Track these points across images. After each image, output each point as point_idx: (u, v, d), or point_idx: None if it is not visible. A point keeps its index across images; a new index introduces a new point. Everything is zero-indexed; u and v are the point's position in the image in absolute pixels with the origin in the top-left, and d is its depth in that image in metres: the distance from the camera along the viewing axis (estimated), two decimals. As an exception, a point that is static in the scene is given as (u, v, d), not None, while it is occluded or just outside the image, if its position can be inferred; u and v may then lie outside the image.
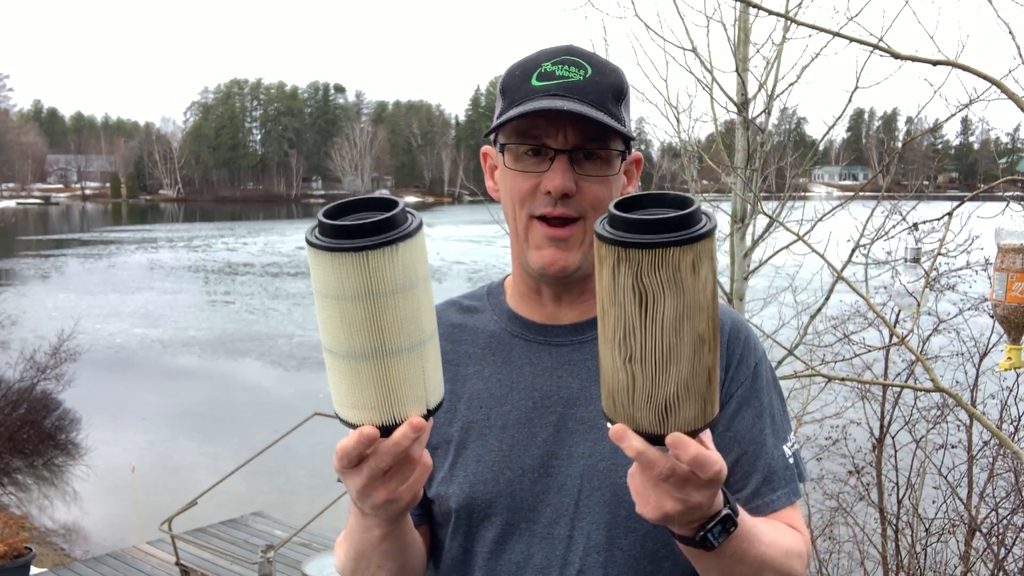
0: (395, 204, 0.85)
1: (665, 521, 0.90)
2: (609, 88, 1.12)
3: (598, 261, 0.83)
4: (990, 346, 4.85)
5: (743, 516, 0.98)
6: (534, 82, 1.12)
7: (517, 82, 1.14)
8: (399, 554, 1.08)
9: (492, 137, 1.19)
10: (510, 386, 1.19)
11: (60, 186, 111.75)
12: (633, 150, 1.18)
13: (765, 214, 4.24)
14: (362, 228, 0.81)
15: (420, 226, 0.85)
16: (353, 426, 0.88)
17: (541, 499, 1.14)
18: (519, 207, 1.14)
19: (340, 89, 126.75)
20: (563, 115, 1.07)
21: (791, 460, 1.21)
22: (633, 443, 0.84)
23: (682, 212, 0.80)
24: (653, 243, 0.78)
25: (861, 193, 4.76)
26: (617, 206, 0.84)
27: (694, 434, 0.84)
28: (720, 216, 4.99)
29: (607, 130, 1.10)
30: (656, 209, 0.85)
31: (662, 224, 0.79)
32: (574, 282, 1.19)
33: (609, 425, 0.88)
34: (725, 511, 0.94)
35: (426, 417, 0.88)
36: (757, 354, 1.23)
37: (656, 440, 0.84)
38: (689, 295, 0.80)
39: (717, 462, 0.84)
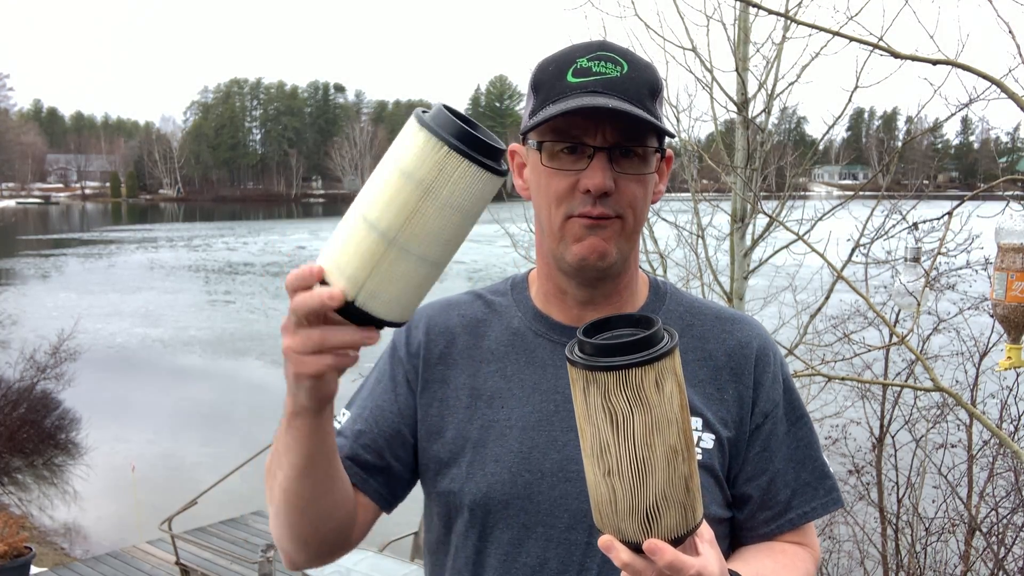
0: (502, 148, 0.90)
1: None
2: (645, 84, 1.10)
3: (571, 383, 0.88)
4: (990, 345, 4.86)
5: None
6: (570, 78, 1.09)
7: (551, 78, 1.11)
8: (307, 456, 1.03)
9: (522, 134, 1.17)
10: (532, 387, 1.18)
11: (60, 186, 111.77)
12: (667, 147, 1.17)
13: (765, 213, 4.24)
14: (474, 139, 0.86)
15: (505, 173, 0.89)
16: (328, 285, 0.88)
17: (559, 503, 1.13)
18: (555, 207, 1.12)
19: (340, 88, 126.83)
20: (605, 112, 1.05)
21: (829, 468, 1.24)
22: (620, 555, 0.88)
23: (643, 334, 0.85)
24: (616, 365, 0.83)
25: (861, 193, 4.77)
26: (584, 331, 0.89)
27: (679, 540, 0.88)
28: (720, 216, 5.00)
29: (644, 127, 1.09)
30: (623, 330, 0.91)
31: (624, 347, 0.84)
32: (604, 281, 1.17)
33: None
34: None
35: (357, 314, 0.87)
36: (785, 369, 1.24)
37: (641, 549, 0.88)
38: (656, 411, 0.84)
39: (692, 566, 0.86)
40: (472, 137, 0.85)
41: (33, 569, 6.77)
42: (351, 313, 0.87)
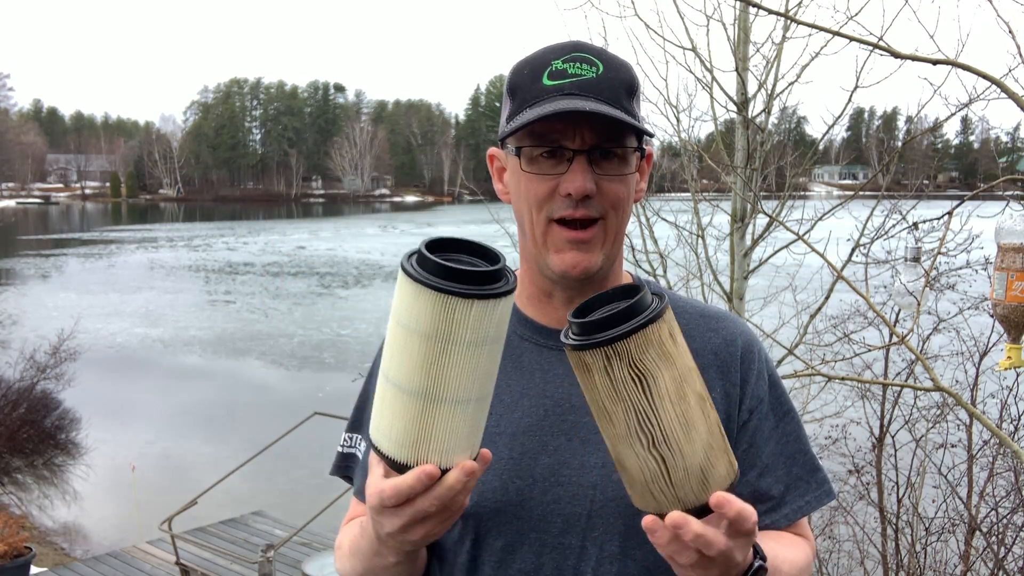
0: (499, 259, 0.87)
1: None
2: (622, 84, 1.10)
3: (584, 371, 0.87)
4: (990, 345, 4.85)
5: (769, 555, 1.00)
6: (546, 81, 1.09)
7: (527, 82, 1.11)
8: (408, 573, 1.09)
9: (500, 140, 1.17)
10: (521, 392, 1.17)
11: (60, 186, 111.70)
12: (646, 145, 1.16)
13: (765, 213, 4.23)
14: (469, 275, 0.82)
15: (512, 291, 0.85)
16: (395, 462, 0.87)
17: (551, 508, 1.12)
18: (536, 211, 1.11)
19: (340, 88, 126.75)
20: (583, 115, 1.05)
21: (819, 461, 1.24)
22: (693, 527, 0.84)
23: (637, 297, 0.86)
24: (633, 328, 0.84)
25: (861, 192, 4.77)
26: (575, 314, 0.89)
27: (731, 489, 0.88)
28: (720, 216, 5.01)
29: (623, 128, 1.08)
30: (606, 306, 0.91)
31: (631, 310, 0.85)
32: (590, 285, 1.16)
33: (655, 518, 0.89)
34: (757, 563, 0.95)
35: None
36: (770, 365, 1.24)
37: (704, 511, 0.87)
38: (679, 361, 0.86)
39: (754, 513, 0.86)
40: (466, 273, 0.82)
41: (33, 569, 6.77)
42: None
